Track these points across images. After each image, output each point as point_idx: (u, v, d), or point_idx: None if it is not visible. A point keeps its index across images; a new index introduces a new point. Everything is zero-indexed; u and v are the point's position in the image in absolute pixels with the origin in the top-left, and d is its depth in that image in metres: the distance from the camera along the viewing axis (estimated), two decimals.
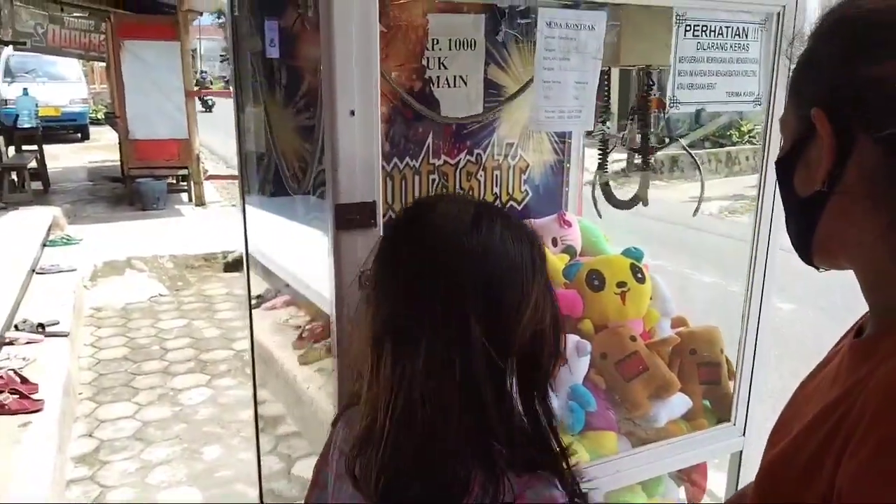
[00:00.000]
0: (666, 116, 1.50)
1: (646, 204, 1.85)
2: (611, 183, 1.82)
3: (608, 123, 1.81)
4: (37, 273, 5.66)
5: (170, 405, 4.05)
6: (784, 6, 1.39)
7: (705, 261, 5.89)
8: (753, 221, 1.54)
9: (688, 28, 1.32)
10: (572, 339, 1.53)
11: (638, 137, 1.71)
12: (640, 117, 1.70)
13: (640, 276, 1.65)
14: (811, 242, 0.74)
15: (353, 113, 1.07)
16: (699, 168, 2.16)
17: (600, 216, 1.94)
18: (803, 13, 1.40)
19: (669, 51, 1.31)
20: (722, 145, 10.89)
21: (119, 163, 9.74)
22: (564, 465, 0.88)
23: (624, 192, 1.92)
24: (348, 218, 1.08)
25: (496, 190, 2.04)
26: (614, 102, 1.86)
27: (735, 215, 8.11)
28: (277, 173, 2.02)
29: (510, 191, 2.06)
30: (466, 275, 0.81)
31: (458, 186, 1.97)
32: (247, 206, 2.14)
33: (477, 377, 0.80)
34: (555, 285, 1.68)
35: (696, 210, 2.11)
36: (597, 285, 1.64)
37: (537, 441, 0.87)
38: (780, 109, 1.45)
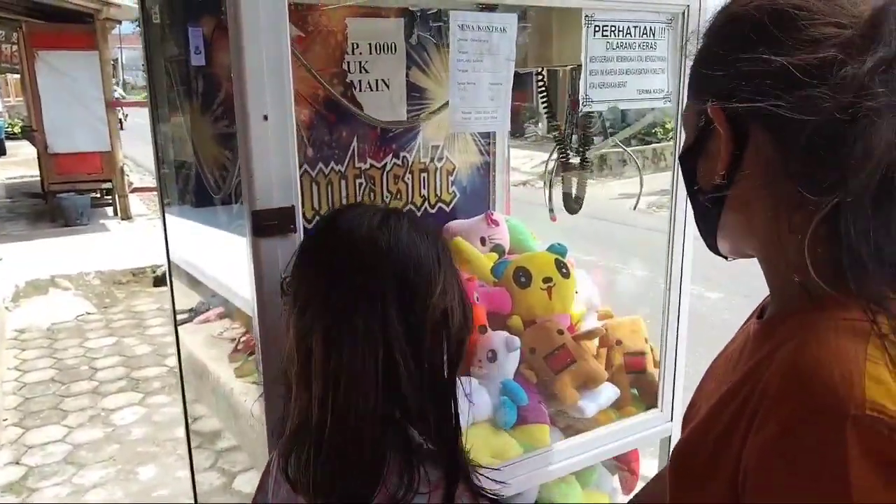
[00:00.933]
0: (579, 114, 1.53)
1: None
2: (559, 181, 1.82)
3: (540, 125, 1.82)
4: None
5: (102, 426, 3.92)
6: (688, 6, 1.44)
7: (634, 255, 6.06)
8: (669, 214, 1.59)
9: (597, 28, 1.36)
10: (501, 335, 1.55)
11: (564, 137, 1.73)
12: (575, 117, 1.72)
13: (564, 271, 1.69)
14: (716, 232, 0.77)
15: (266, 117, 1.06)
16: (638, 166, 2.22)
17: (554, 219, 1.94)
18: (706, 12, 1.46)
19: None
20: (648, 143, 11.19)
21: (39, 178, 9.35)
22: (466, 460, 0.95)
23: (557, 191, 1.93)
24: (266, 224, 1.07)
25: (424, 192, 2.05)
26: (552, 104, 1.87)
27: (662, 210, 8.33)
28: (200, 183, 1.98)
29: (438, 192, 2.08)
30: (381, 269, 0.89)
31: (385, 189, 1.98)
32: (172, 217, 2.09)
33: (395, 360, 0.86)
34: (485, 283, 1.72)
35: (636, 204, 2.16)
36: (524, 282, 1.67)
37: (447, 428, 0.93)
38: None
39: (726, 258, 0.81)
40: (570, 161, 1.78)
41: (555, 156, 1.83)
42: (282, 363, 0.97)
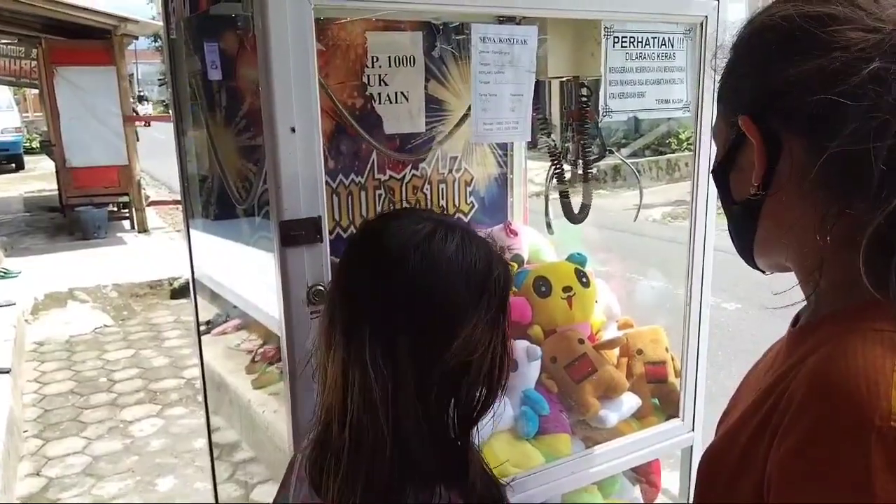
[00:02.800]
0: (598, 125, 1.53)
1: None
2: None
3: (553, 136, 1.82)
4: None
5: (120, 438, 3.94)
6: (706, 16, 1.46)
7: (651, 265, 6.03)
8: (689, 225, 1.59)
9: (616, 40, 1.37)
10: (523, 345, 1.56)
11: (571, 147, 1.73)
12: (577, 128, 1.73)
13: (584, 280, 1.69)
14: (752, 245, 0.77)
15: (293, 130, 1.08)
16: (637, 177, 2.22)
17: (552, 232, 1.94)
18: (725, 23, 1.48)
19: (596, 61, 1.36)
20: (662, 153, 11.19)
21: (57, 192, 9.47)
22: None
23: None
24: (293, 234, 1.09)
25: (442, 202, 2.07)
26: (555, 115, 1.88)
27: (678, 220, 8.32)
28: (222, 196, 2.01)
29: (456, 203, 2.09)
30: (398, 286, 0.81)
31: (404, 200, 1.99)
32: (192, 230, 2.11)
33: (403, 405, 0.80)
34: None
35: (636, 216, 2.17)
36: (544, 291, 1.67)
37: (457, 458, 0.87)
38: (707, 114, 1.52)
39: (764, 272, 0.80)
40: (565, 173, 1.76)
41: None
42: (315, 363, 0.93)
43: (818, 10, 0.66)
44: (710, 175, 0.81)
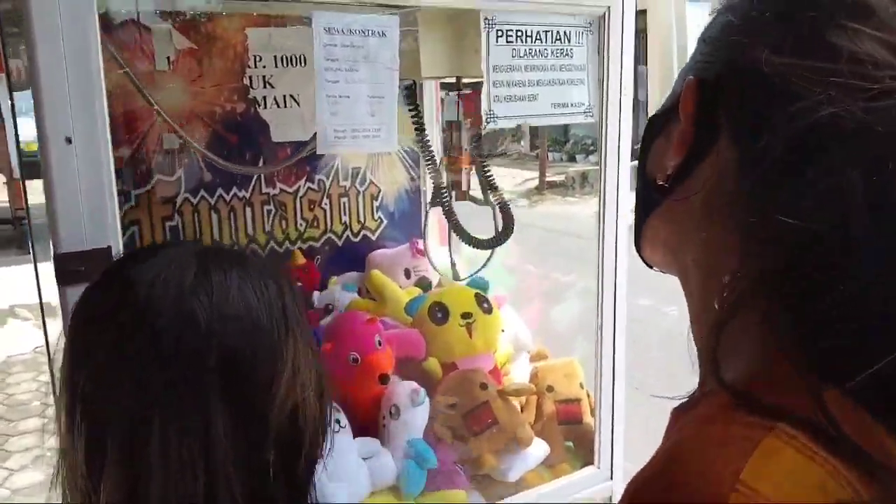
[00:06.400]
0: (483, 132, 1.31)
1: None
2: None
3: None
4: None
5: (45, 468, 3.69)
6: (609, 7, 1.26)
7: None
8: (597, 246, 1.39)
9: (500, 34, 1.17)
10: (406, 387, 1.35)
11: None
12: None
13: (486, 305, 1.49)
14: (640, 231, 0.61)
15: (69, 140, 0.87)
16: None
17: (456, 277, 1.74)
18: (632, 13, 1.29)
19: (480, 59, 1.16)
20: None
21: (7, 203, 9.13)
22: None
23: None
24: (73, 270, 0.88)
25: (345, 219, 1.86)
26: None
27: None
28: None
29: (361, 219, 1.89)
30: (197, 346, 0.62)
31: (299, 217, 1.79)
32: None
33: (223, 477, 0.61)
34: (398, 323, 1.52)
35: None
36: (440, 318, 1.47)
37: None
38: (613, 119, 1.32)
39: (650, 266, 0.63)
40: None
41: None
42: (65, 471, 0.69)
43: None
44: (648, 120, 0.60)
